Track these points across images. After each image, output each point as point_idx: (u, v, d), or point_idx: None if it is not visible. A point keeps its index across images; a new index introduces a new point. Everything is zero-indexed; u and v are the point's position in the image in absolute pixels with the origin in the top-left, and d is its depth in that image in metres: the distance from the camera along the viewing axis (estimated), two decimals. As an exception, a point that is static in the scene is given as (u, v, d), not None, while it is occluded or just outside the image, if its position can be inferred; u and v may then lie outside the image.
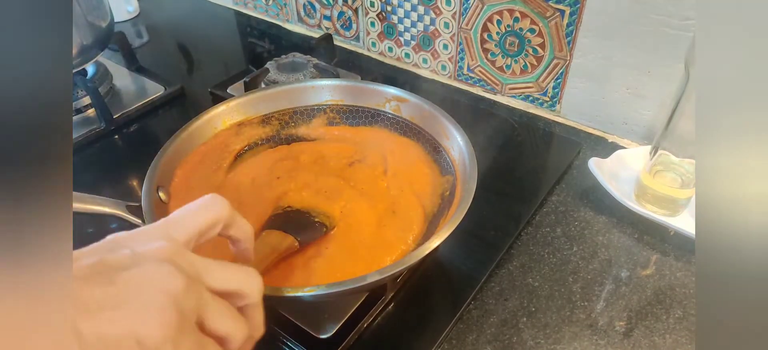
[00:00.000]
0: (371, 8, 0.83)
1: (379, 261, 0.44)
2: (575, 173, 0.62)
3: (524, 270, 0.50)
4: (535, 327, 0.45)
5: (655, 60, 0.60)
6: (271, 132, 0.58)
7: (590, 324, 0.45)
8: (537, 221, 0.55)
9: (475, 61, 0.76)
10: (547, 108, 0.73)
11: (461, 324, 0.45)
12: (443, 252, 0.50)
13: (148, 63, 0.83)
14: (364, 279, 0.36)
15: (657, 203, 0.54)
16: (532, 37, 0.68)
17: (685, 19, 0.56)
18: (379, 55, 0.87)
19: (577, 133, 0.69)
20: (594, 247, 0.52)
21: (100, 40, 0.70)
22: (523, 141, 0.67)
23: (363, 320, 0.43)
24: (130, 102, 0.73)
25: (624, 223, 0.55)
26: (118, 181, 0.62)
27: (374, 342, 0.43)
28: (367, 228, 0.47)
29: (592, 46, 0.64)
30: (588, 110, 0.69)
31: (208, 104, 0.55)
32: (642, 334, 0.44)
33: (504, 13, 0.68)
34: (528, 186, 0.60)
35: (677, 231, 0.52)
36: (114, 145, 0.69)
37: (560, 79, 0.69)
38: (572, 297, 0.47)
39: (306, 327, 0.42)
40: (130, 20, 1.00)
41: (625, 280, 0.49)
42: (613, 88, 0.65)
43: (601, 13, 0.61)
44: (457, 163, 0.49)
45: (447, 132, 0.51)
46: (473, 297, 0.47)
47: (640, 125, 0.66)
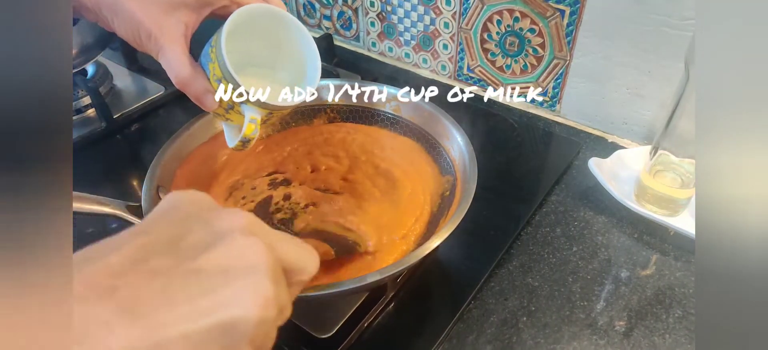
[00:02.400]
0: (371, 8, 0.83)
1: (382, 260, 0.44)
2: (575, 173, 0.62)
3: (524, 270, 0.50)
4: (534, 326, 0.45)
5: (655, 60, 0.60)
6: (271, 132, 0.58)
7: (590, 324, 0.45)
8: (537, 221, 0.55)
9: (475, 61, 0.76)
10: (547, 108, 0.73)
11: (461, 324, 0.45)
12: (443, 252, 0.50)
13: (149, 63, 0.83)
14: (364, 279, 0.36)
15: (657, 203, 0.54)
16: (532, 37, 0.68)
17: (684, 19, 0.56)
18: (379, 55, 0.87)
19: (577, 133, 0.69)
20: (594, 247, 0.52)
21: (100, 40, 0.70)
22: (523, 141, 0.67)
23: (363, 320, 0.43)
24: (130, 102, 0.73)
25: (624, 223, 0.55)
26: (118, 181, 0.62)
27: (374, 341, 0.43)
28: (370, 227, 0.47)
29: (592, 46, 0.64)
30: (588, 110, 0.69)
31: (208, 104, 0.55)
32: (642, 334, 0.44)
33: (504, 13, 0.68)
34: (528, 186, 0.60)
35: (677, 231, 0.52)
36: (114, 145, 0.69)
37: (560, 79, 0.69)
38: (572, 297, 0.47)
39: (306, 327, 0.42)
40: (130, 20, 1.00)
41: (624, 280, 0.49)
42: (613, 88, 0.65)
43: (601, 12, 0.61)
44: (457, 163, 0.49)
45: (447, 132, 0.51)
46: (473, 296, 0.47)
47: (640, 125, 0.66)
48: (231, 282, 0.22)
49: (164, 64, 0.39)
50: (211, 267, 0.22)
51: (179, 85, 0.39)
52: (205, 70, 0.39)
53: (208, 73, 0.39)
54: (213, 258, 0.22)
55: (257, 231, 0.25)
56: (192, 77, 0.39)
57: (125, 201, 0.43)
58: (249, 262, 0.23)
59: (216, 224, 0.24)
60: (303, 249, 0.28)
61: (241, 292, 0.22)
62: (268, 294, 0.23)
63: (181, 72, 0.39)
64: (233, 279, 0.22)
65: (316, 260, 0.28)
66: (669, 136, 0.50)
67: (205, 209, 0.25)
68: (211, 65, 0.39)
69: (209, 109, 0.41)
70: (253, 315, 0.22)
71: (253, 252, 0.23)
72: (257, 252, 0.23)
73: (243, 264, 0.23)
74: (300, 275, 0.27)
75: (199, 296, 0.21)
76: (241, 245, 0.23)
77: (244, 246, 0.23)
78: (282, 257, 0.26)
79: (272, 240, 0.25)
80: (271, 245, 0.25)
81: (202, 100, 0.40)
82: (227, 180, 0.53)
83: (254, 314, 0.22)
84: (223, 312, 0.21)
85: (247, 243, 0.23)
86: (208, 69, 0.39)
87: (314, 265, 0.28)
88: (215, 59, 0.38)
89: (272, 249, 0.25)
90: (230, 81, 0.38)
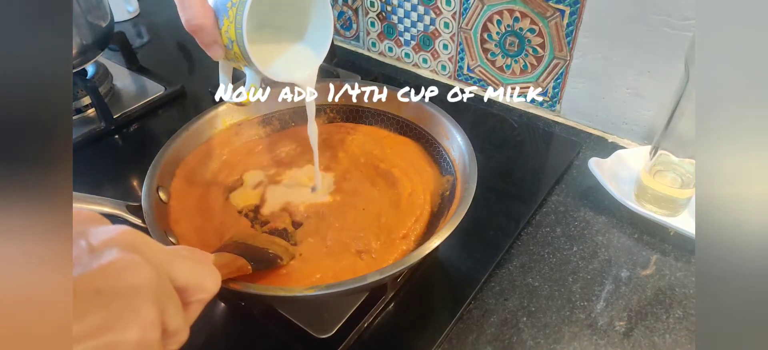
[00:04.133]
0: (371, 8, 0.83)
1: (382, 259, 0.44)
2: (575, 173, 0.62)
3: (524, 270, 0.50)
4: (535, 326, 0.45)
5: (655, 60, 0.60)
6: (271, 132, 0.58)
7: (590, 324, 0.45)
8: (537, 221, 0.55)
9: (475, 60, 0.76)
10: (547, 108, 0.73)
11: (461, 324, 0.45)
12: (443, 252, 0.50)
13: (149, 63, 0.83)
14: (364, 279, 0.36)
15: (657, 203, 0.54)
16: (532, 37, 0.68)
17: (685, 19, 0.56)
18: (379, 55, 0.87)
19: (577, 133, 0.69)
20: (594, 247, 0.52)
21: (100, 40, 0.70)
22: (523, 141, 0.67)
23: (363, 320, 0.43)
24: (130, 102, 0.73)
25: (624, 223, 0.55)
26: (118, 181, 0.62)
27: (374, 342, 0.43)
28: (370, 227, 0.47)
29: (592, 46, 0.64)
30: (588, 110, 0.69)
31: (208, 104, 0.55)
32: (642, 334, 0.44)
33: (504, 13, 0.68)
34: (528, 186, 0.60)
35: (677, 231, 0.52)
36: (114, 145, 0.69)
37: (560, 79, 0.69)
38: (572, 297, 0.47)
39: (306, 327, 0.42)
40: (130, 20, 1.00)
41: (625, 280, 0.49)
42: (613, 88, 0.65)
43: (601, 12, 0.61)
44: (457, 163, 0.49)
45: (447, 132, 0.51)
46: (473, 296, 0.47)
47: (640, 125, 0.66)
48: (107, 304, 0.21)
49: (179, 4, 0.37)
50: (85, 289, 0.20)
51: (189, 29, 0.37)
52: (219, 19, 0.37)
53: (222, 24, 0.37)
54: (86, 279, 0.21)
55: (141, 247, 0.23)
56: (204, 24, 0.37)
57: (125, 201, 0.43)
58: (127, 282, 0.21)
59: (93, 241, 0.22)
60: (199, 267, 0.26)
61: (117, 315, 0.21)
62: (146, 316, 0.21)
63: (194, 16, 0.36)
64: (109, 302, 0.21)
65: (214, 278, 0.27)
66: (669, 136, 0.50)
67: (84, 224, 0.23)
68: (226, 21, 0.37)
69: (214, 58, 0.40)
70: (131, 339, 0.20)
71: (132, 272, 0.22)
72: (137, 271, 0.22)
73: (120, 285, 0.21)
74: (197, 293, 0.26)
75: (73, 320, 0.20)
76: (118, 264, 0.21)
77: (122, 266, 0.22)
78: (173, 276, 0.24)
79: (161, 258, 0.24)
80: (158, 263, 0.23)
81: (208, 48, 0.39)
82: (227, 180, 0.53)
83: (132, 338, 0.21)
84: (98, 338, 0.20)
85: (126, 262, 0.22)
86: (222, 21, 0.37)
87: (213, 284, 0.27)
88: (232, 20, 0.36)
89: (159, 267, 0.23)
90: (243, 52, 0.37)
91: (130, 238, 0.23)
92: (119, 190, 0.61)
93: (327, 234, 0.46)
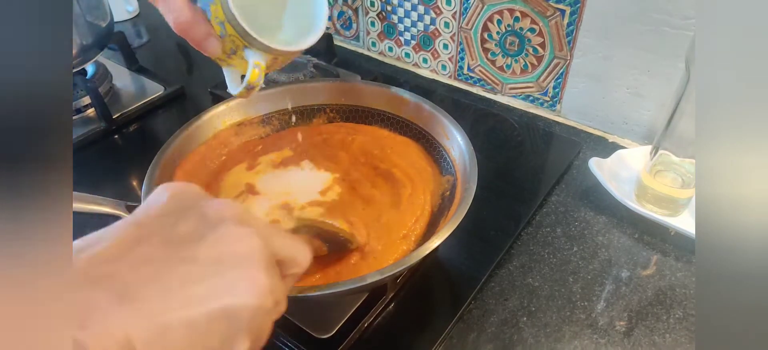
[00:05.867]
0: (371, 8, 0.83)
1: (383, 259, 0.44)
2: (575, 173, 0.62)
3: (524, 270, 0.50)
4: (535, 326, 0.45)
5: (655, 60, 0.60)
6: (271, 132, 0.58)
7: (590, 324, 0.45)
8: (537, 221, 0.55)
9: (475, 60, 0.76)
10: (547, 108, 0.73)
11: (461, 324, 0.45)
12: (443, 252, 0.50)
13: (148, 63, 0.83)
14: (364, 279, 0.36)
15: (657, 203, 0.54)
16: (533, 36, 0.68)
17: (685, 19, 0.56)
18: (379, 55, 0.87)
19: (578, 133, 0.69)
20: (594, 247, 0.52)
21: (99, 40, 0.70)
22: (523, 141, 0.67)
23: (363, 320, 0.43)
24: (130, 102, 0.73)
25: (624, 223, 0.55)
26: (118, 181, 0.62)
27: (374, 342, 0.43)
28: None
29: (593, 46, 0.64)
30: (588, 110, 0.69)
31: (208, 104, 0.55)
32: (642, 334, 0.44)
33: (504, 12, 0.68)
34: (528, 186, 0.60)
35: (677, 231, 0.52)
36: (114, 145, 0.69)
37: (560, 79, 0.69)
38: (572, 297, 0.47)
39: (306, 327, 0.42)
40: (130, 20, 1.00)
41: (625, 280, 0.49)
42: (613, 87, 0.65)
43: (601, 12, 0.61)
44: (457, 163, 0.49)
45: (447, 132, 0.51)
46: (473, 296, 0.47)
47: (641, 125, 0.66)
48: (225, 271, 0.22)
49: (162, 7, 0.36)
50: (204, 257, 0.22)
51: (179, 30, 0.37)
52: (206, 12, 0.37)
53: (210, 14, 0.36)
54: (205, 248, 0.22)
55: (250, 221, 0.24)
56: (192, 20, 0.36)
57: (125, 201, 0.43)
58: (242, 252, 0.23)
59: (208, 214, 0.24)
60: (295, 242, 0.28)
61: (236, 282, 0.22)
62: (263, 283, 0.22)
63: (180, 15, 0.36)
64: (227, 269, 0.22)
65: (308, 254, 0.28)
66: (669, 135, 0.50)
67: (197, 199, 0.25)
68: (213, 7, 0.36)
69: (212, 54, 0.38)
70: (250, 304, 0.22)
71: (247, 243, 0.23)
72: (251, 242, 0.23)
73: (236, 254, 0.23)
74: (293, 268, 0.27)
75: (193, 284, 0.21)
76: (234, 235, 0.23)
77: (238, 237, 0.23)
78: (275, 249, 0.25)
79: (265, 232, 0.25)
80: (265, 236, 0.24)
81: (203, 45, 0.37)
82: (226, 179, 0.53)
83: (251, 303, 0.22)
84: (219, 301, 0.21)
85: (241, 234, 0.23)
86: (209, 10, 0.36)
87: (306, 259, 0.28)
88: (218, 3, 0.35)
89: (265, 240, 0.24)
90: (233, 24, 0.35)
91: (239, 212, 0.24)
92: (119, 190, 0.61)
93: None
